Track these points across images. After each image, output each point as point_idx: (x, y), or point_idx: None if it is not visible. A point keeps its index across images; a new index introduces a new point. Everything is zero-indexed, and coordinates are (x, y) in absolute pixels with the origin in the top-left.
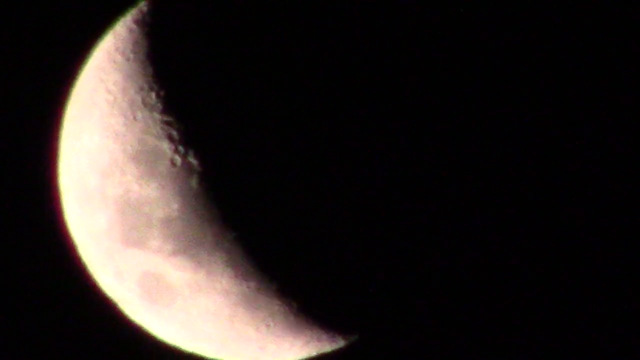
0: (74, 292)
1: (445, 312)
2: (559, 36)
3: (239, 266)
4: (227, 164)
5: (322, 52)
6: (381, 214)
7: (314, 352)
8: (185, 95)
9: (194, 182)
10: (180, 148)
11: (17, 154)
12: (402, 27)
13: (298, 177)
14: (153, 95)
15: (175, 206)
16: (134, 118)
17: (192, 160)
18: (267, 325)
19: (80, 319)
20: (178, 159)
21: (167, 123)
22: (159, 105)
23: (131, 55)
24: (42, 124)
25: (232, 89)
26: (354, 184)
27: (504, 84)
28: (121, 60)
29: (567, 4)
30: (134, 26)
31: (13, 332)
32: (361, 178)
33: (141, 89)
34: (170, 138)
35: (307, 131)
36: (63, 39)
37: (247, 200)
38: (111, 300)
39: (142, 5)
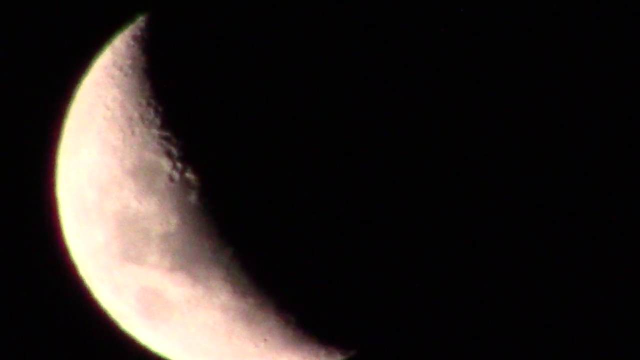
0: (72, 307)
1: (445, 328)
2: (559, 36)
3: (237, 282)
4: (225, 179)
5: (320, 68)
6: (379, 228)
7: None
8: (183, 111)
9: (192, 197)
10: (179, 164)
11: (15, 169)
12: (403, 27)
13: (296, 192)
14: (151, 110)
15: (174, 222)
16: (132, 133)
17: (190, 175)
18: (265, 341)
19: (78, 333)
20: (176, 175)
21: (165, 138)
22: (157, 121)
23: (129, 71)
24: (41, 138)
25: (230, 105)
26: (351, 200)
27: (507, 83)
28: (119, 75)
29: (568, 4)
30: (132, 42)
31: (10, 347)
32: (358, 195)
33: (139, 104)
34: (168, 154)
35: (306, 146)
36: (61, 54)
37: (246, 216)
38: (109, 315)
39: (140, 21)
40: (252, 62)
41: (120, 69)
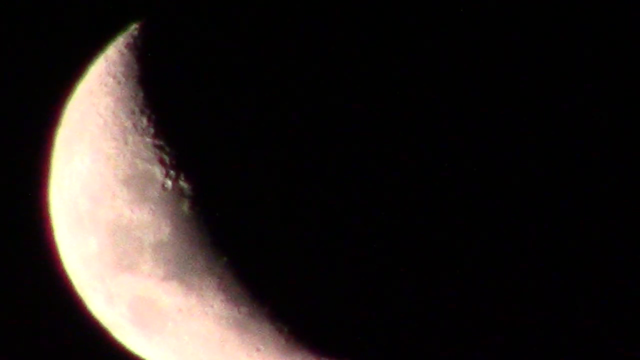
0: (65, 316)
1: (439, 337)
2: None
3: (230, 291)
4: (219, 188)
5: (314, 76)
6: (374, 238)
7: None
8: (176, 119)
9: (185, 206)
10: (172, 172)
11: (7, 177)
12: (404, 27)
13: (290, 201)
14: (144, 119)
15: (167, 231)
16: (125, 142)
17: (184, 184)
18: (258, 350)
19: (71, 343)
20: (169, 183)
21: (158, 147)
22: (150, 129)
23: (122, 79)
24: (34, 146)
25: (223, 113)
26: (345, 209)
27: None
28: (112, 83)
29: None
30: (125, 50)
31: (3, 356)
32: (352, 204)
33: (132, 112)
34: (161, 162)
35: (299, 156)
36: (55, 62)
37: (239, 225)
38: (102, 324)
39: (134, 29)
40: (245, 70)
41: (114, 77)
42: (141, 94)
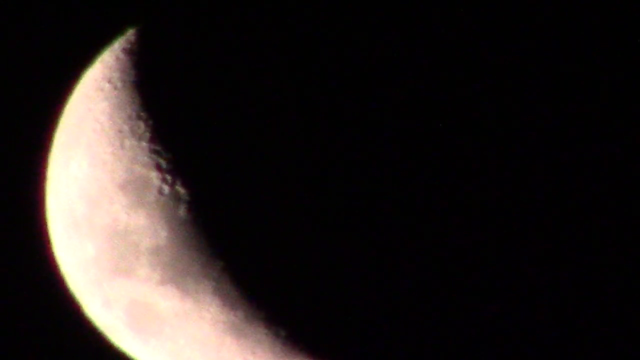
0: (62, 320)
1: (437, 343)
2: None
3: (227, 295)
4: (215, 192)
5: (312, 85)
6: (371, 242)
7: None
8: (173, 124)
9: (181, 211)
10: (168, 177)
11: (5, 182)
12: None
13: (286, 206)
14: (141, 124)
15: (163, 235)
16: (122, 147)
17: (180, 189)
18: (254, 354)
19: (68, 347)
20: (166, 188)
21: (155, 152)
22: (147, 134)
23: (119, 84)
24: (30, 151)
25: (219, 118)
26: (343, 214)
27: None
28: (109, 88)
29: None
30: (122, 55)
31: None
32: (350, 210)
33: (129, 117)
34: (158, 167)
35: (296, 160)
36: (51, 67)
37: (235, 229)
38: (99, 328)
39: (130, 34)
40: (241, 75)
41: (110, 82)
42: (138, 99)
